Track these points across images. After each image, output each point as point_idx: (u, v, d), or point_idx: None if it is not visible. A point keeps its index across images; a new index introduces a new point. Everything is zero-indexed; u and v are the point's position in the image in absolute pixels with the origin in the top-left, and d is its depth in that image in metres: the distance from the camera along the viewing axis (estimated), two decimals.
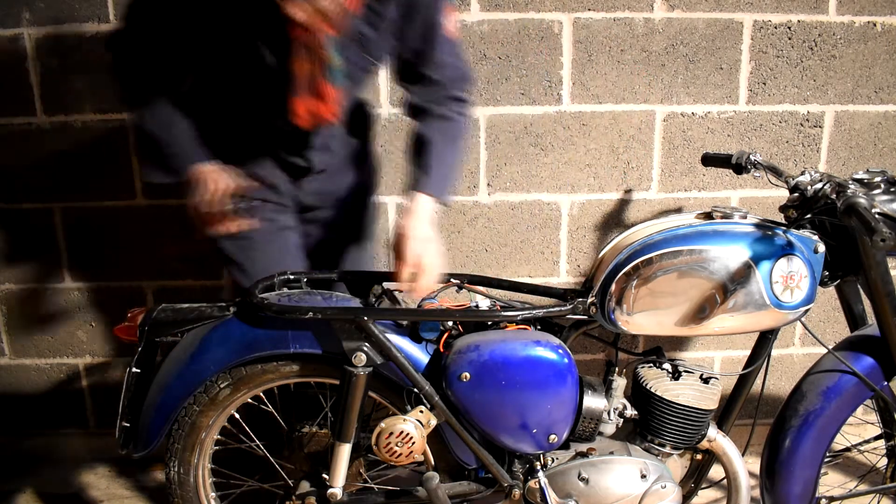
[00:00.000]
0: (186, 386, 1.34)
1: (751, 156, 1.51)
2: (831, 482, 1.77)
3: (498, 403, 1.28)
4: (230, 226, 1.41)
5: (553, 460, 1.37)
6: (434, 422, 1.29)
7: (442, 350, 1.32)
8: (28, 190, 1.97)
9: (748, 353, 1.42)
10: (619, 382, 1.38)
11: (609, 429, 1.37)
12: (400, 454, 1.28)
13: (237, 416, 1.43)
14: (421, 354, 1.33)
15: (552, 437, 1.31)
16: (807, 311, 1.31)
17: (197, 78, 1.44)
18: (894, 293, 1.32)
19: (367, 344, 1.27)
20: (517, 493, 1.36)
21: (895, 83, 1.97)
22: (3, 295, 2.05)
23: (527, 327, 1.34)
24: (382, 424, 1.28)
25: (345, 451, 1.32)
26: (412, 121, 1.47)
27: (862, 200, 1.14)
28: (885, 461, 1.49)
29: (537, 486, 1.34)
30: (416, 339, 1.34)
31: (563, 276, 2.08)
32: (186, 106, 1.39)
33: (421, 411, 1.29)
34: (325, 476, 1.38)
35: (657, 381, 1.35)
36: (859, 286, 1.42)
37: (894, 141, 2.02)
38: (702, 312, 1.28)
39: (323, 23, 1.18)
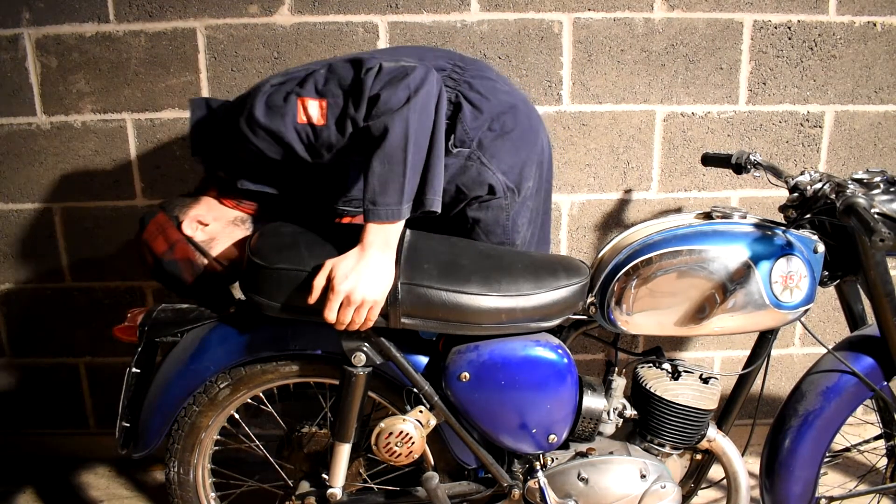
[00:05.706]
0: (186, 386, 1.34)
1: (751, 156, 1.51)
2: (831, 482, 1.77)
3: (497, 403, 1.28)
4: None
5: (553, 460, 1.37)
6: (434, 422, 1.29)
7: (441, 350, 1.32)
8: (28, 190, 1.97)
9: (748, 353, 1.42)
10: (619, 382, 1.38)
11: (609, 429, 1.37)
12: (400, 454, 1.28)
13: (237, 416, 1.43)
14: (421, 354, 1.33)
15: (552, 437, 1.31)
16: (806, 311, 1.31)
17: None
18: (894, 293, 1.32)
19: (366, 344, 1.26)
20: (517, 493, 1.36)
21: (895, 83, 1.97)
22: (3, 295, 2.05)
23: None
24: (382, 424, 1.28)
25: (344, 451, 1.32)
26: None
27: (861, 200, 1.14)
28: (885, 461, 1.49)
29: (537, 486, 1.34)
30: (416, 339, 1.34)
31: None
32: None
33: (420, 411, 1.29)
34: (324, 476, 1.38)
35: (657, 381, 1.35)
36: (859, 286, 1.42)
37: (894, 141, 2.02)
38: (701, 312, 1.28)
39: None
